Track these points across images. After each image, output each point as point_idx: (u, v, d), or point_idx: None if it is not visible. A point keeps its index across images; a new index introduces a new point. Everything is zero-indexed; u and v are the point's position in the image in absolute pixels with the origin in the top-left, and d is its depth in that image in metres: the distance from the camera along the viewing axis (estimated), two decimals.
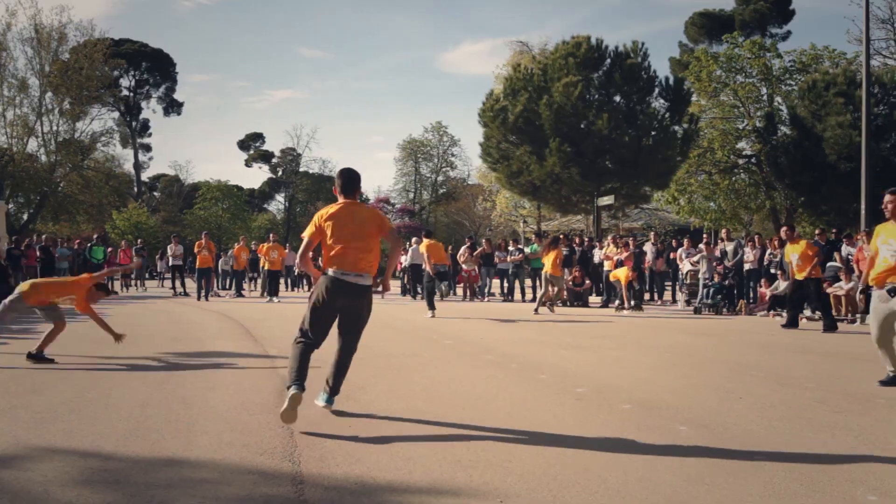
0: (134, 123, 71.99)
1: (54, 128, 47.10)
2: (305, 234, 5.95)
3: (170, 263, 25.87)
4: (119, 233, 48.88)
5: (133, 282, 29.40)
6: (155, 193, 75.60)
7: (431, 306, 16.28)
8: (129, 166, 67.47)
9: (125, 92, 68.46)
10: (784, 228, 14.52)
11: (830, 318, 13.40)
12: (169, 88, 74.52)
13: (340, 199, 5.96)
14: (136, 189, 67.80)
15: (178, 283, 25.18)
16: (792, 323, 13.65)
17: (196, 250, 23.11)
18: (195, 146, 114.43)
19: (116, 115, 63.77)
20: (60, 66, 45.24)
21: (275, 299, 21.96)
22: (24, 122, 46.15)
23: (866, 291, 7.45)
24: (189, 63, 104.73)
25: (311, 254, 6.09)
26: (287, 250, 25.96)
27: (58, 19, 48.16)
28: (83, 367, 8.24)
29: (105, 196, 49.40)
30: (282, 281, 26.39)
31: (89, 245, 25.84)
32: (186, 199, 68.41)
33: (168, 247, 26.56)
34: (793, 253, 13.52)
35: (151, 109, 74.93)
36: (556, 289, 17.60)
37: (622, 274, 17.84)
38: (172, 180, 75.28)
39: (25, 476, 4.25)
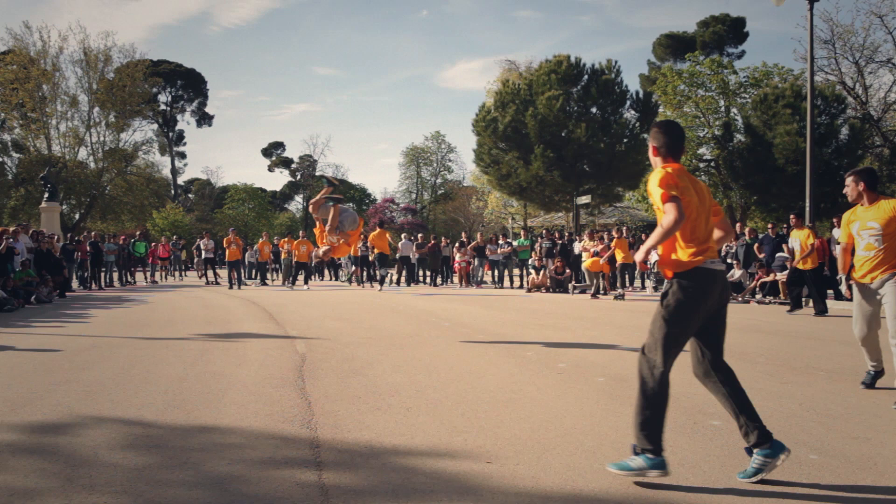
0: (171, 134, 71.69)
1: (101, 138, 47.14)
2: (677, 203, 3.45)
3: (203, 256, 25.84)
4: (158, 230, 48.92)
5: (172, 272, 29.37)
6: (189, 195, 75.31)
7: (381, 283, 20.29)
8: (166, 171, 67.36)
9: (163, 106, 68.09)
10: (792, 216, 14.03)
11: (822, 304, 13.14)
12: (201, 103, 74.18)
13: (671, 164, 3.77)
14: (172, 192, 67.56)
15: (209, 274, 25.17)
16: (796, 305, 13.25)
17: (225, 245, 23.14)
18: (224, 153, 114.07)
19: (155, 126, 63.60)
20: (106, 85, 45.22)
21: (304, 286, 22.04)
22: (75, 134, 46.20)
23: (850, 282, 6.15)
24: (218, 80, 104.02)
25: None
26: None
27: (103, 43, 47.69)
28: (127, 347, 8.25)
29: (146, 198, 49.33)
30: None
31: (132, 241, 25.80)
32: (217, 200, 68.26)
33: (201, 242, 26.53)
34: (795, 239, 13.29)
35: (186, 121, 74.59)
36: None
37: (601, 259, 17.83)
38: (204, 183, 75.08)
39: (78, 441, 4.27)
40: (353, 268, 25.46)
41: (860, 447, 4.16)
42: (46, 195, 33.19)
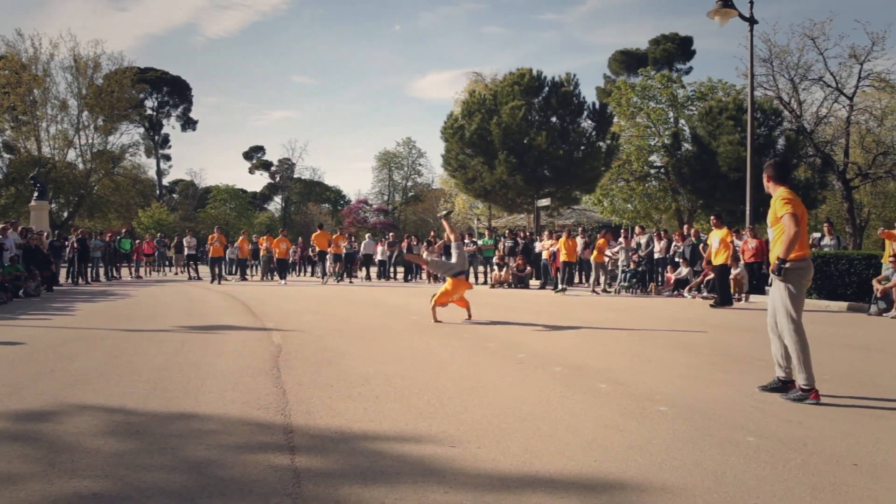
0: (156, 137, 70.40)
1: (90, 141, 46.16)
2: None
3: (185, 253, 25.49)
4: (144, 228, 48.21)
5: (157, 267, 28.89)
6: (174, 195, 74.19)
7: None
8: (152, 173, 66.07)
9: (149, 111, 66.88)
10: (713, 217, 14.24)
11: (725, 297, 13.42)
12: (186, 108, 72.95)
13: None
14: (158, 192, 66.38)
15: (191, 270, 24.85)
16: (725, 301, 13.40)
17: (209, 242, 22.88)
18: (207, 156, 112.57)
19: (142, 130, 62.18)
20: (95, 90, 44.31)
21: (282, 282, 21.90)
22: (64, 136, 45.26)
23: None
24: (203, 87, 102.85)
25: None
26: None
27: (93, 51, 46.65)
28: (111, 338, 8.09)
29: (132, 197, 48.57)
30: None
31: (118, 238, 25.32)
32: (200, 200, 67.48)
33: (184, 239, 26.16)
34: (715, 237, 13.46)
35: (171, 126, 73.24)
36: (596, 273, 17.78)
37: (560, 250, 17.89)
38: (188, 184, 74.12)
39: (61, 428, 4.16)
40: (336, 265, 25.42)
41: (793, 430, 4.23)
42: (36, 194, 32.45)
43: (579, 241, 20.63)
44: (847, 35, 57.83)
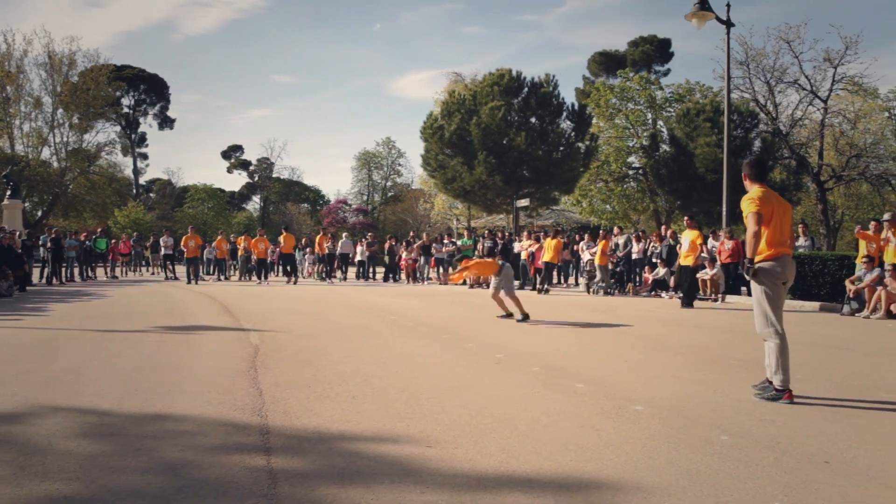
0: (133, 136, 69.51)
1: (65, 139, 45.46)
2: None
3: (162, 253, 25.23)
4: (120, 227, 47.61)
5: (134, 267, 28.57)
6: (151, 194, 73.35)
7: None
8: (128, 171, 65.19)
9: (126, 109, 66.06)
10: (686, 218, 14.44)
11: (691, 298, 13.52)
12: (163, 107, 72.11)
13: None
14: (134, 191, 65.59)
15: (168, 269, 24.61)
16: (689, 300, 13.48)
17: (182, 244, 22.72)
18: (185, 155, 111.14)
19: (118, 128, 61.42)
20: (70, 87, 43.62)
21: (265, 282, 21.79)
22: (38, 134, 44.52)
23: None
24: (181, 85, 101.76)
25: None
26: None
27: (68, 48, 45.94)
28: (86, 339, 7.99)
29: (108, 196, 47.89)
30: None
31: (94, 237, 25.00)
32: (177, 200, 66.81)
33: (161, 239, 25.90)
34: (686, 237, 13.56)
35: (148, 124, 72.34)
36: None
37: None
38: (166, 183, 73.34)
39: (32, 430, 4.10)
40: (318, 265, 25.38)
41: (766, 428, 4.28)
42: (9, 192, 31.98)
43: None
44: (821, 39, 58.96)
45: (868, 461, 3.68)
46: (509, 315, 10.63)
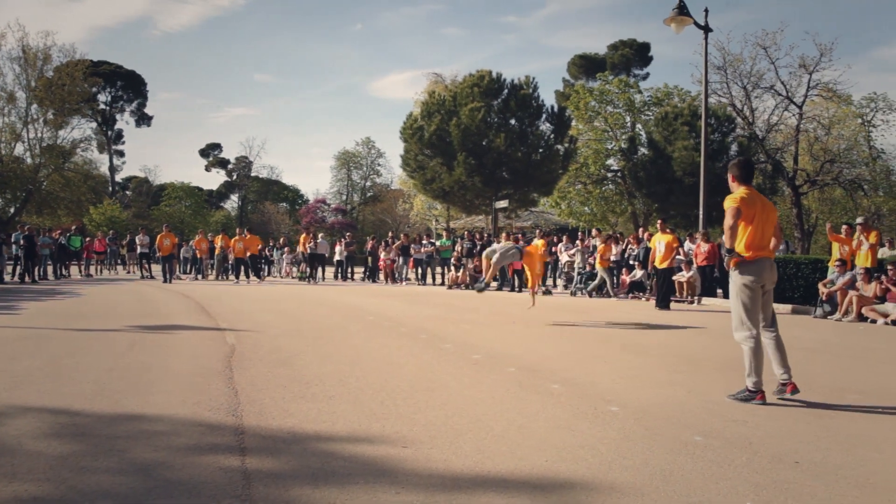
0: (109, 133, 68.55)
1: (39, 135, 44.67)
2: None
3: (138, 251, 24.97)
4: (95, 225, 46.98)
5: (109, 266, 28.19)
6: (127, 192, 72.44)
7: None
8: (104, 169, 64.24)
9: (102, 106, 65.11)
10: (660, 221, 14.64)
11: (667, 300, 13.63)
12: (140, 104, 71.19)
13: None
14: (110, 188, 64.70)
15: (144, 269, 24.37)
16: (664, 301, 13.56)
17: (157, 242, 22.55)
18: (163, 152, 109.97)
19: (94, 125, 60.48)
20: (45, 83, 42.89)
21: (247, 281, 21.72)
22: (11, 129, 43.71)
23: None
24: (159, 82, 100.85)
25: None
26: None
27: (43, 42, 44.95)
28: (58, 338, 7.88)
29: (83, 194, 47.22)
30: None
31: (68, 235, 24.66)
32: (154, 198, 66.11)
33: (136, 237, 25.63)
34: (660, 241, 13.67)
35: (125, 121, 71.32)
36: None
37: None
38: (142, 181, 72.52)
39: (1, 430, 4.03)
40: (302, 265, 25.26)
41: (738, 429, 4.33)
42: None
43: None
44: (797, 45, 59.58)
45: (838, 461, 3.74)
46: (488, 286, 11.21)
